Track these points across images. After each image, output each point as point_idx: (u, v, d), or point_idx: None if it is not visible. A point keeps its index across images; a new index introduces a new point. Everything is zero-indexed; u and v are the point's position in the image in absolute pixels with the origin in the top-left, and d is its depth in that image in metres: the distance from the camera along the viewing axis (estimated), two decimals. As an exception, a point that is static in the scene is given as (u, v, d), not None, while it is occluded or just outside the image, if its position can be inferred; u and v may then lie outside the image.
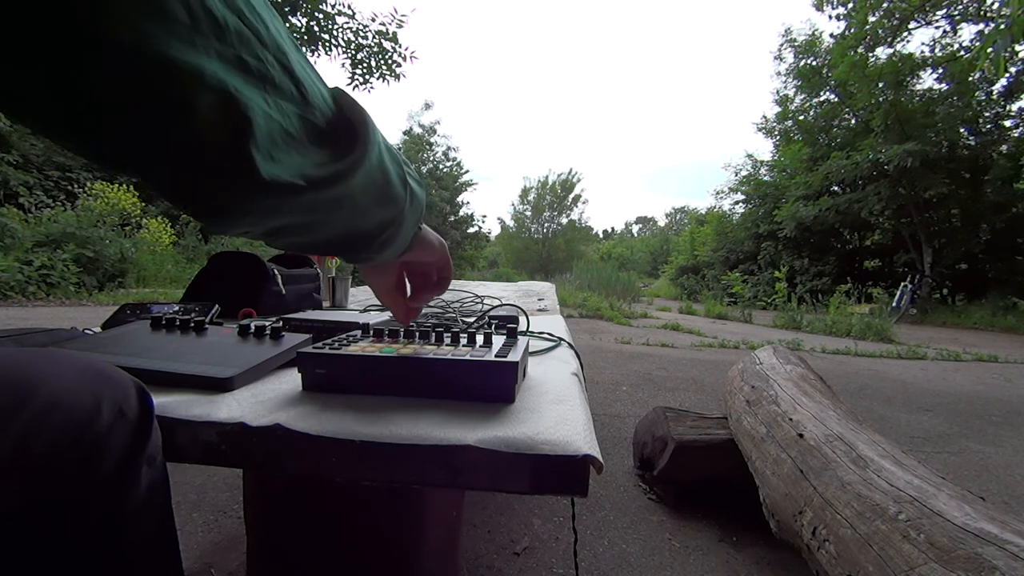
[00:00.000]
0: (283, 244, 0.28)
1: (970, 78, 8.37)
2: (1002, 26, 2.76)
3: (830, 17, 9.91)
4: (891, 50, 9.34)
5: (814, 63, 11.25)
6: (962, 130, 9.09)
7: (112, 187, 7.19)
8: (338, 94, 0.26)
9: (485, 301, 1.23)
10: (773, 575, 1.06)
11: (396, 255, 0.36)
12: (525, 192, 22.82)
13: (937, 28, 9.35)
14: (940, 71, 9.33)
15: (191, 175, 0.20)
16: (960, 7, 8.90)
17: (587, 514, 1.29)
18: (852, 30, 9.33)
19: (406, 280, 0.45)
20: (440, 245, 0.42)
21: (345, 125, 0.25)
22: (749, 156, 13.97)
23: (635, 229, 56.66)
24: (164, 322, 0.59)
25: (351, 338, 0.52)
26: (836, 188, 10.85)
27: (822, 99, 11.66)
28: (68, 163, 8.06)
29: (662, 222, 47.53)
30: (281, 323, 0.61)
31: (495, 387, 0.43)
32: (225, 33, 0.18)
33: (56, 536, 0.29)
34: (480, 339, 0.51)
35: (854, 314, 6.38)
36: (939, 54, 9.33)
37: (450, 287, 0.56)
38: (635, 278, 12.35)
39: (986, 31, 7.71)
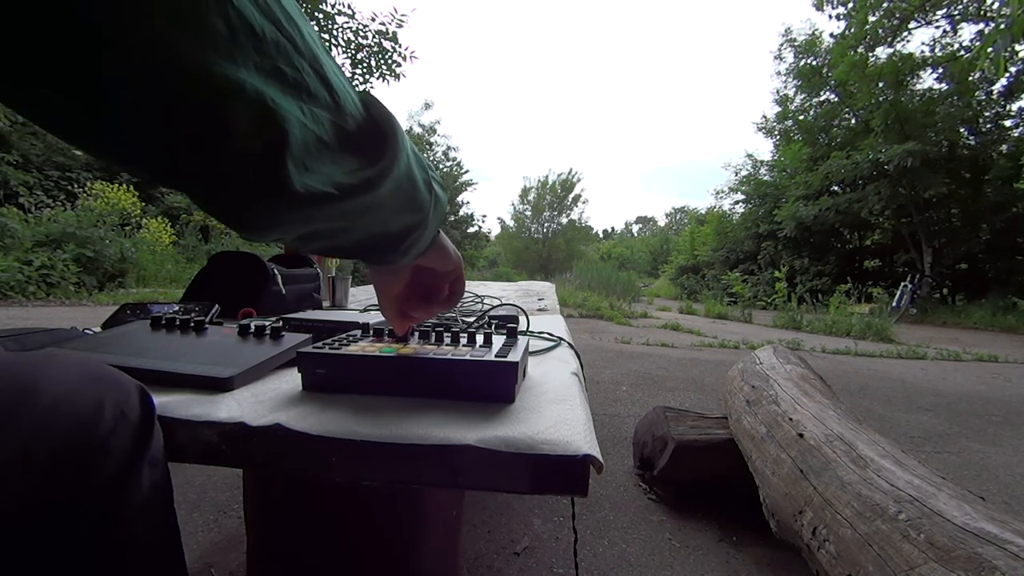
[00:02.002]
0: (312, 248, 0.28)
1: (970, 78, 8.37)
2: (1002, 26, 2.76)
3: (830, 17, 9.91)
4: (891, 50, 9.34)
5: (814, 63, 11.26)
6: (962, 130, 9.09)
7: (112, 187, 7.19)
8: (367, 98, 0.26)
9: (485, 301, 1.23)
10: (773, 575, 1.06)
11: (415, 258, 0.35)
12: (525, 192, 22.82)
13: (937, 28, 9.36)
14: (940, 71, 9.33)
15: (227, 187, 0.20)
16: (960, 7, 8.90)
17: (587, 514, 1.29)
18: (852, 30, 9.33)
19: (415, 290, 0.42)
20: (456, 257, 0.41)
21: (374, 130, 0.25)
22: (749, 156, 13.98)
23: (635, 229, 56.67)
24: (164, 322, 0.59)
25: (351, 338, 0.52)
26: (836, 188, 10.85)
27: (822, 99, 11.67)
28: (68, 163, 8.06)
29: (662, 222, 47.56)
30: (281, 323, 0.61)
31: (495, 387, 0.43)
32: (263, 44, 0.18)
33: (59, 538, 0.29)
34: (480, 339, 0.51)
35: (854, 314, 6.38)
36: (939, 54, 9.33)
37: None
38: (635, 278, 12.35)
39: (986, 31, 7.72)
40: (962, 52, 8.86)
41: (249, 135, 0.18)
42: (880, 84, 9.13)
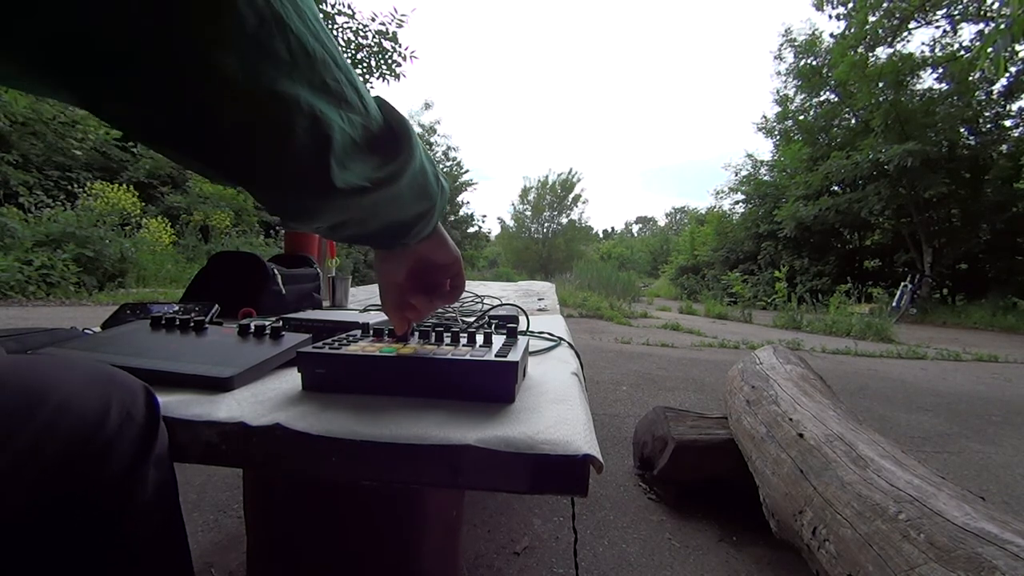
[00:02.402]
0: (341, 236, 0.31)
1: (970, 78, 8.37)
2: (1002, 26, 2.76)
3: (830, 17, 9.91)
4: (891, 50, 9.34)
5: (814, 63, 11.25)
6: (962, 130, 9.10)
7: (112, 187, 7.18)
8: (381, 102, 0.29)
9: (485, 301, 1.23)
10: (773, 575, 1.06)
11: (419, 240, 0.38)
12: (525, 192, 22.82)
13: (937, 28, 9.36)
14: (940, 71, 9.33)
15: (280, 183, 0.23)
16: (960, 7, 8.90)
17: (587, 514, 1.29)
18: (852, 30, 9.33)
19: (417, 283, 0.42)
20: (455, 250, 0.42)
21: (392, 131, 0.28)
22: (749, 156, 13.98)
23: (635, 229, 56.66)
24: (164, 322, 0.59)
25: (351, 338, 0.52)
26: (836, 188, 10.85)
27: (822, 99, 11.67)
28: (68, 163, 8.05)
29: (662, 222, 47.58)
30: (281, 323, 0.60)
31: (495, 387, 0.43)
32: (314, 62, 0.21)
33: (66, 538, 0.29)
34: (480, 339, 0.51)
35: (854, 314, 6.38)
36: (939, 54, 9.33)
37: None
38: (635, 278, 12.35)
39: (986, 31, 7.71)
40: (962, 52, 8.86)
41: (303, 141, 0.22)
42: (880, 84, 9.13)
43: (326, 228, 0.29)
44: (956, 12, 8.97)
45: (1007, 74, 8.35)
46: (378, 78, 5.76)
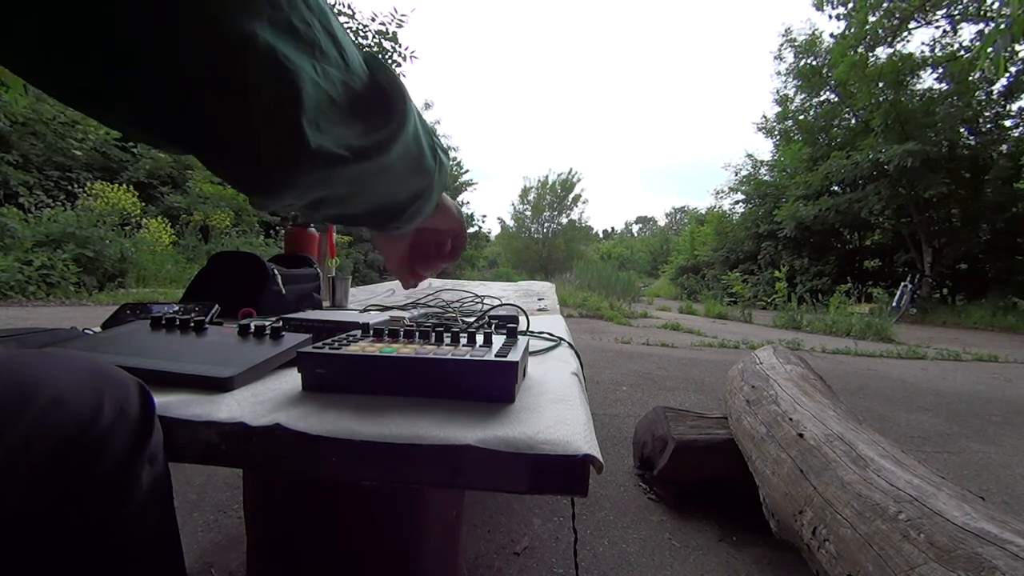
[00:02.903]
0: (321, 216, 0.27)
1: (970, 78, 8.37)
2: (1002, 26, 2.76)
3: (830, 17, 9.91)
4: (891, 50, 9.35)
5: (814, 63, 11.25)
6: (962, 130, 9.10)
7: (112, 187, 7.18)
8: (371, 59, 0.25)
9: (485, 301, 1.23)
10: (773, 575, 1.06)
11: (418, 223, 0.36)
12: (525, 192, 22.82)
13: (937, 28, 9.36)
14: (940, 71, 9.33)
15: (240, 146, 0.19)
16: (960, 7, 8.90)
17: (587, 514, 1.29)
18: (852, 30, 9.33)
19: (419, 249, 0.43)
20: (458, 213, 0.41)
21: (381, 92, 0.24)
22: (749, 156, 14.00)
23: (635, 229, 56.66)
24: (164, 322, 0.59)
25: (351, 338, 0.52)
26: (836, 188, 10.86)
27: (822, 99, 11.67)
28: (68, 163, 8.05)
29: (662, 222, 47.57)
30: (281, 323, 0.60)
31: (495, 387, 0.43)
32: None
33: (59, 534, 0.29)
34: (480, 339, 0.51)
35: (854, 314, 6.38)
36: (939, 54, 9.33)
37: (450, 287, 0.55)
38: (635, 278, 12.35)
39: (986, 31, 7.71)
40: (962, 52, 8.86)
41: (263, 91, 0.18)
42: (880, 84, 9.14)
43: (302, 207, 0.24)
44: (956, 12, 8.97)
45: (1007, 74, 8.35)
46: (378, 78, 5.75)
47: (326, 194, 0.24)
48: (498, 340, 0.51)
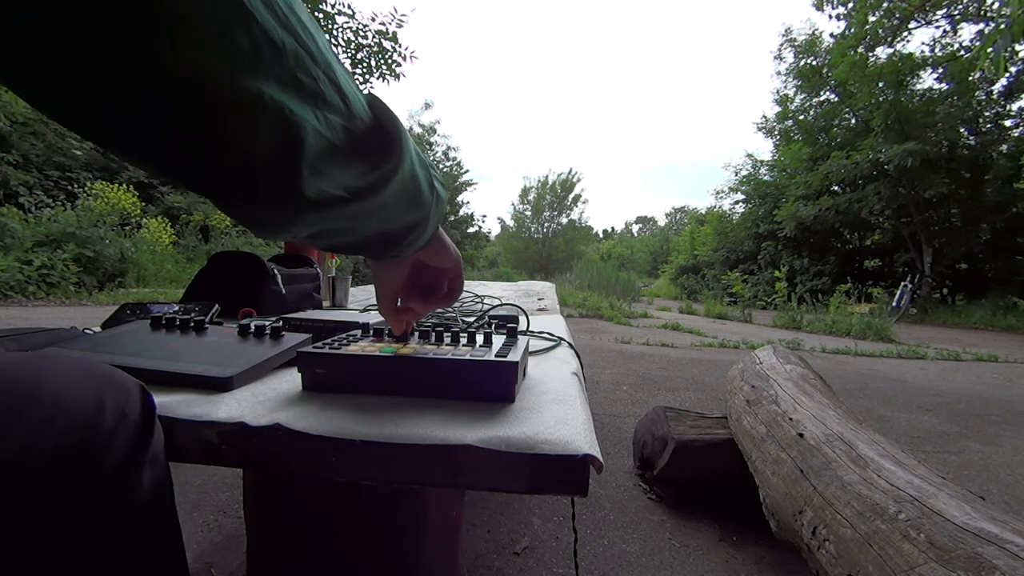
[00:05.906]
0: (320, 245, 0.29)
1: (970, 78, 8.36)
2: (1002, 26, 2.76)
3: (830, 17, 9.89)
4: (891, 50, 9.33)
5: (814, 63, 11.24)
6: (962, 130, 9.09)
7: (112, 187, 7.19)
8: (372, 101, 0.26)
9: (485, 301, 1.23)
10: (773, 575, 1.06)
11: (415, 252, 0.37)
12: (525, 192, 22.80)
13: (937, 28, 9.34)
14: (940, 71, 9.32)
15: (244, 191, 0.21)
16: (960, 7, 8.89)
17: (587, 514, 1.29)
18: (852, 30, 9.31)
19: (415, 285, 0.43)
20: (456, 254, 0.41)
21: (381, 133, 0.26)
22: (749, 156, 13.98)
23: (635, 229, 56.71)
24: (164, 322, 0.59)
25: (351, 338, 0.52)
26: (836, 188, 10.85)
27: (822, 99, 11.65)
28: (68, 163, 8.06)
29: (662, 222, 47.61)
30: (281, 323, 0.60)
31: (495, 387, 0.43)
32: (283, 56, 0.19)
33: (60, 537, 0.29)
34: (480, 339, 0.51)
35: (854, 314, 6.38)
36: (939, 54, 9.32)
37: None
38: (635, 278, 12.36)
39: (986, 31, 7.70)
40: (962, 52, 8.85)
41: (268, 143, 0.19)
42: (880, 84, 9.12)
43: (304, 237, 0.26)
44: (956, 12, 8.96)
45: (1007, 74, 8.35)
46: (378, 78, 5.74)
47: (325, 228, 0.26)
48: (498, 340, 0.51)
